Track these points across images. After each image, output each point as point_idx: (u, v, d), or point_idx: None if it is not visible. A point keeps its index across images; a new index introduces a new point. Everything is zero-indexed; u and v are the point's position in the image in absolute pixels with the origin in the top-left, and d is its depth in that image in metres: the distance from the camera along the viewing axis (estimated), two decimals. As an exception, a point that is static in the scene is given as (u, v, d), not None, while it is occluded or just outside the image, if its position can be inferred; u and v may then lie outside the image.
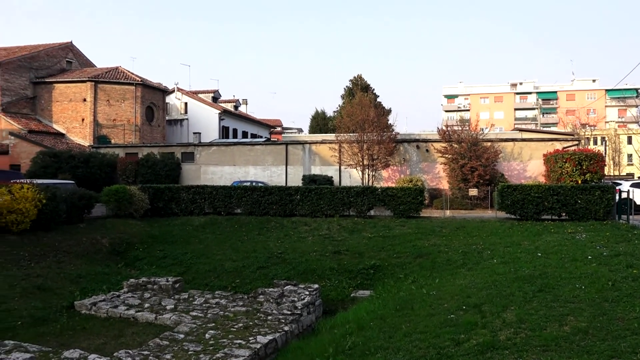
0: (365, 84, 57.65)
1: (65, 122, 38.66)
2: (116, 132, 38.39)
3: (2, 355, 7.09)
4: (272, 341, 9.33)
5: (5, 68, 36.93)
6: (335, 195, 20.93)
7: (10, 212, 15.08)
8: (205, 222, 20.91)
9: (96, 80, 38.05)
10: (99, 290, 13.61)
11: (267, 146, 33.84)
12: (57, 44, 42.37)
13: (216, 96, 54.50)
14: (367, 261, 15.93)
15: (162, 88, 42.88)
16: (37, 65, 39.55)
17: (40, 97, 39.24)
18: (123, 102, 38.51)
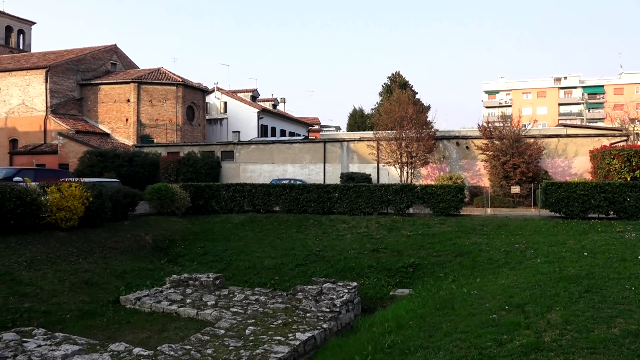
0: (403, 81, 57.07)
1: (110, 122, 39.85)
2: (158, 131, 39.31)
3: (52, 347, 7.37)
4: (310, 338, 9.37)
5: (54, 71, 38.36)
6: (374, 193, 20.81)
7: (60, 210, 15.64)
8: (244, 220, 21.17)
9: (139, 81, 39.06)
10: (143, 286, 13.99)
11: (305, 144, 33.96)
12: (102, 47, 43.73)
13: (255, 95, 55.08)
14: (406, 259, 15.78)
15: (202, 88, 43.63)
16: (84, 68, 40.91)
17: (87, 98, 40.58)
18: (165, 102, 39.39)
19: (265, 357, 8.22)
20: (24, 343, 7.63)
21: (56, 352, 6.86)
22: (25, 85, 38.65)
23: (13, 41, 56.28)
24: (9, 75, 39.42)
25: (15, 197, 14.44)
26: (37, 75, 38.28)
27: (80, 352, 6.95)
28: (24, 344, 7.56)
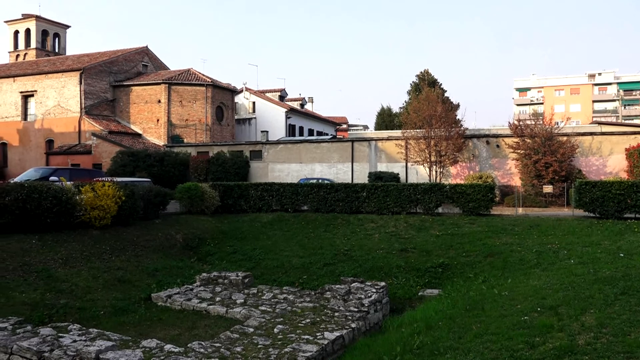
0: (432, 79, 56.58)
1: (142, 123, 40.62)
2: (188, 131, 39.89)
3: (87, 342, 7.56)
4: (339, 337, 9.36)
5: (88, 73, 39.32)
6: (402, 193, 20.67)
7: (94, 209, 16.04)
8: (273, 219, 21.31)
9: (170, 82, 39.71)
10: (174, 284, 14.22)
11: (333, 143, 33.97)
12: (133, 49, 44.61)
13: (283, 95, 55.36)
14: (435, 259, 15.63)
15: (231, 88, 44.09)
16: (116, 70, 41.82)
17: (119, 99, 41.46)
18: (195, 103, 39.94)
19: (294, 355, 8.25)
20: (60, 338, 7.85)
21: (90, 347, 7.03)
22: (61, 87, 39.74)
23: (49, 44, 57.98)
24: (45, 77, 40.60)
25: (51, 196, 14.87)
26: (72, 77, 39.32)
27: (114, 348, 7.11)
28: (60, 339, 7.78)
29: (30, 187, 14.51)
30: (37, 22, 56.36)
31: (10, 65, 49.78)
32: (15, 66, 47.56)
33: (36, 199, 14.40)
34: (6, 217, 13.77)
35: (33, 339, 7.69)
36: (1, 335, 7.86)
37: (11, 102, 41.92)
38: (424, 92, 36.34)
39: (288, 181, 28.24)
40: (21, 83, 41.67)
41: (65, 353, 7.15)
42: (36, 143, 40.46)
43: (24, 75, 41.77)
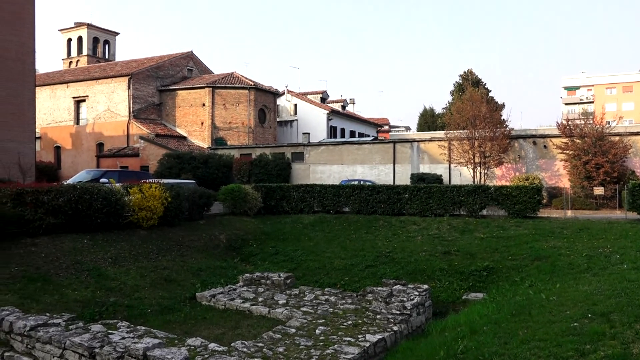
0: (476, 79, 55.52)
1: (187, 126, 41.59)
2: (231, 134, 40.57)
3: (135, 339, 7.79)
4: (381, 340, 9.30)
5: (136, 78, 40.60)
6: (445, 194, 20.35)
7: (141, 209, 16.52)
8: (314, 220, 21.38)
9: (214, 85, 40.51)
10: (217, 283, 14.46)
11: (375, 145, 33.81)
12: (179, 54, 45.76)
13: (324, 97, 55.53)
14: (480, 263, 15.31)
15: (273, 91, 44.57)
16: (162, 74, 43.00)
17: (165, 103, 42.61)
18: (238, 106, 40.59)
19: (336, 357, 8.24)
20: (109, 335, 8.11)
21: (138, 344, 7.24)
22: (110, 92, 41.18)
23: (100, 51, 60.17)
24: (96, 83, 42.17)
25: (101, 197, 15.41)
26: (121, 82, 40.68)
27: (160, 346, 7.29)
28: (109, 336, 8.04)
29: (82, 189, 15.07)
30: (88, 29, 58.62)
31: (64, 71, 51.98)
32: (68, 73, 49.62)
33: (87, 200, 14.94)
34: (60, 218, 14.35)
35: (84, 335, 7.98)
36: (55, 331, 8.20)
37: (64, 107, 43.74)
38: (468, 92, 35.66)
39: (329, 183, 28.29)
40: (74, 89, 43.42)
41: (114, 349, 7.39)
42: (87, 146, 42.05)
43: (76, 81, 43.52)
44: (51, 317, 8.98)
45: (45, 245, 13.66)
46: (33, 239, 13.73)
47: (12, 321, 8.63)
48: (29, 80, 23.78)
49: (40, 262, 12.76)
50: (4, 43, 22.46)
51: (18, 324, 8.50)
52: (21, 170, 19.68)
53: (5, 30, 22.47)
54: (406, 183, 28.26)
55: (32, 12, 23.77)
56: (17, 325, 8.49)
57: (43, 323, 8.53)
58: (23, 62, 23.31)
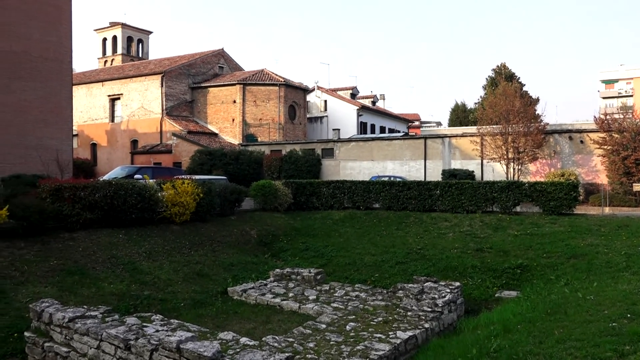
0: (509, 73, 54.44)
1: (218, 123, 42.09)
2: (262, 130, 40.85)
3: (168, 332, 7.93)
4: (412, 337, 9.23)
5: (169, 76, 41.27)
6: (478, 190, 20.04)
7: (174, 205, 16.80)
8: (344, 216, 21.36)
9: (244, 82, 40.84)
10: (248, 278, 14.61)
11: (405, 140, 33.53)
12: (210, 52, 46.29)
13: (354, 92, 55.38)
14: (513, 260, 15.01)
15: (303, 87, 44.65)
16: (194, 72, 43.59)
17: (197, 100, 43.19)
18: (268, 102, 40.83)
19: (366, 353, 8.23)
20: (144, 327, 8.29)
21: (172, 337, 7.37)
22: (144, 90, 41.98)
23: (134, 50, 61.39)
24: (130, 81, 43.05)
25: (136, 193, 15.73)
26: (154, 80, 41.42)
27: (193, 339, 7.40)
28: (144, 328, 8.21)
29: (117, 185, 15.42)
30: (122, 29, 59.88)
31: (99, 70, 53.27)
32: (103, 71, 50.84)
33: (122, 196, 15.28)
34: (96, 213, 14.73)
35: (120, 327, 8.17)
36: (92, 323, 8.42)
37: (100, 105, 44.83)
38: (501, 86, 34.99)
39: (359, 179, 28.22)
40: (109, 87, 44.45)
41: (148, 342, 7.55)
42: (122, 143, 43.00)
43: (111, 79, 44.53)
44: (88, 309, 9.23)
45: (83, 239, 14.04)
46: (71, 234, 14.13)
47: (51, 313, 8.91)
48: (66, 80, 24.46)
49: (77, 256, 13.14)
50: (43, 44, 23.16)
51: (57, 315, 8.77)
52: (59, 167, 20.26)
53: (44, 31, 23.15)
54: (437, 179, 27.94)
55: (69, 14, 24.42)
56: (56, 317, 8.75)
57: (81, 315, 8.78)
58: (61, 62, 23.98)
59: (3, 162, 21.18)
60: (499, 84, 40.21)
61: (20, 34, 22.28)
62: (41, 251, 12.77)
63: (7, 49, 21.80)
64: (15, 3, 22.08)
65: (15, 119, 22.01)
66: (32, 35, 22.72)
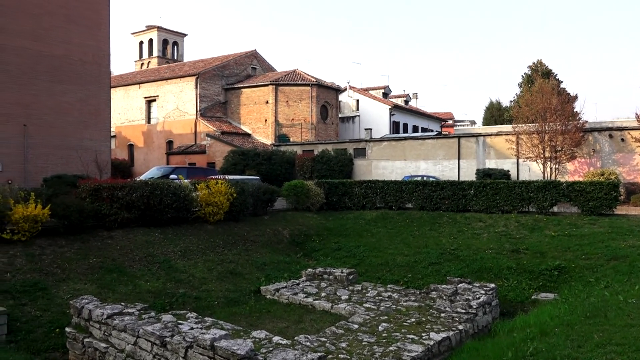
0: (546, 70, 53.16)
1: (251, 123, 42.51)
2: (294, 130, 41.05)
3: (203, 330, 8.06)
4: (445, 339, 9.13)
5: (203, 77, 41.92)
6: (513, 190, 19.65)
7: (208, 205, 17.07)
8: (376, 216, 21.27)
9: (277, 83, 41.13)
10: (281, 278, 14.71)
11: (438, 140, 33.16)
12: (243, 53, 46.80)
13: (386, 92, 55.06)
14: (550, 262, 14.67)
15: (335, 87, 44.67)
16: (228, 73, 44.15)
17: (230, 101, 43.73)
18: (300, 103, 41.01)
19: (399, 354, 8.18)
20: (179, 325, 8.45)
21: (206, 335, 7.49)
22: (179, 92, 42.77)
23: (169, 52, 62.58)
24: (165, 83, 43.93)
25: (171, 193, 16.05)
26: (189, 82, 42.15)
27: (227, 337, 7.50)
28: (179, 326, 8.37)
29: (153, 185, 15.76)
30: (158, 32, 61.16)
31: (136, 73, 54.53)
32: (140, 74, 52.02)
33: (158, 196, 15.61)
34: (133, 212, 15.09)
35: (156, 324, 8.35)
36: (129, 320, 8.64)
37: (137, 107, 45.90)
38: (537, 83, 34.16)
39: (392, 179, 28.06)
40: (145, 89, 45.46)
41: (183, 339, 7.69)
42: (158, 144, 43.91)
43: (148, 81, 45.54)
44: (126, 306, 9.47)
45: (120, 238, 14.41)
46: (109, 232, 14.53)
47: (90, 309, 9.18)
48: (104, 82, 25.15)
49: (115, 254, 13.49)
50: (83, 48, 23.87)
51: (96, 312, 9.03)
52: (98, 167, 20.86)
53: (84, 36, 23.87)
54: (471, 179, 27.53)
55: (107, 18, 25.10)
56: (95, 313, 9.02)
57: (118, 312, 9.01)
58: (99, 65, 24.67)
59: (46, 163, 21.96)
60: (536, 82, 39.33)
61: (61, 39, 23.04)
62: (81, 249, 13.18)
63: (48, 53, 22.57)
64: (56, 9, 22.85)
65: (56, 121, 22.77)
66: (72, 39, 23.46)
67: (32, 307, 10.45)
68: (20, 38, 21.58)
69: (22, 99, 21.62)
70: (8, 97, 21.18)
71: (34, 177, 21.05)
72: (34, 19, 22.07)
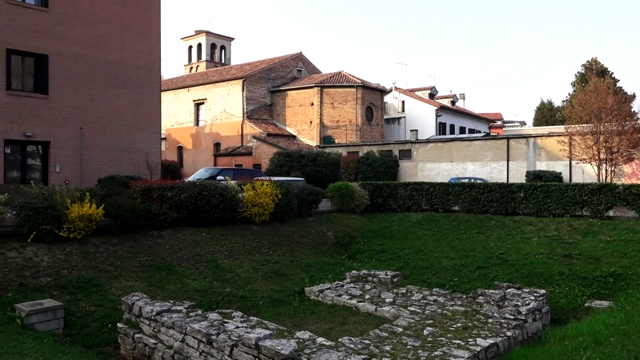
0: (601, 68, 51.17)
1: (296, 125, 42.84)
2: (339, 132, 41.09)
3: (248, 329, 8.18)
4: (492, 345, 8.89)
5: (249, 80, 42.59)
6: (565, 193, 18.95)
7: (254, 206, 17.31)
8: (422, 219, 20.99)
9: (322, 85, 41.29)
10: (325, 279, 14.73)
11: (487, 141, 32.43)
12: (289, 55, 47.24)
13: (433, 93, 54.34)
14: (605, 268, 14.05)
15: (380, 88, 44.43)
16: (274, 76, 44.68)
17: (276, 103, 44.23)
18: (345, 104, 41.02)
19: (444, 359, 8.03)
20: (225, 323, 8.60)
21: (251, 334, 7.59)
22: (226, 95, 43.61)
23: (217, 56, 63.96)
24: (213, 86, 44.90)
25: (218, 193, 16.37)
26: (236, 85, 42.92)
27: (271, 337, 7.58)
28: (225, 324, 8.53)
29: (201, 186, 16.12)
30: (206, 36, 62.61)
31: (185, 77, 56.03)
32: (189, 77, 53.41)
33: (206, 196, 15.95)
34: (182, 212, 15.49)
35: (203, 322, 8.53)
36: (177, 317, 8.86)
37: (186, 110, 47.11)
38: (592, 82, 32.94)
39: (438, 181, 27.63)
40: (194, 92, 46.61)
41: (229, 337, 7.82)
42: (206, 146, 44.91)
43: (196, 85, 46.68)
44: (174, 304, 9.72)
45: (169, 237, 14.82)
46: (159, 232, 14.96)
47: (141, 306, 9.47)
48: (155, 86, 25.96)
49: (164, 253, 13.88)
50: (135, 53, 24.74)
51: (146, 308, 9.31)
52: (149, 168, 21.55)
53: (136, 41, 24.74)
54: (521, 181, 26.77)
55: (158, 24, 25.92)
56: (145, 310, 9.30)
57: (167, 309, 9.27)
58: (151, 69, 25.49)
59: (100, 164, 22.87)
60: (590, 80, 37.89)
61: (115, 45, 23.95)
62: (132, 247, 13.63)
63: (103, 59, 23.51)
64: (111, 16, 23.78)
65: (110, 124, 23.68)
66: (125, 45, 24.34)
67: (86, 303, 10.90)
68: (77, 45, 22.58)
69: (79, 103, 22.61)
70: (66, 101, 22.20)
71: (89, 177, 21.96)
72: (91, 27, 23.04)
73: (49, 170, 21.67)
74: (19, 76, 21.41)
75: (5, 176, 20.39)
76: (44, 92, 21.63)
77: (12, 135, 20.61)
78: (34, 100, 21.31)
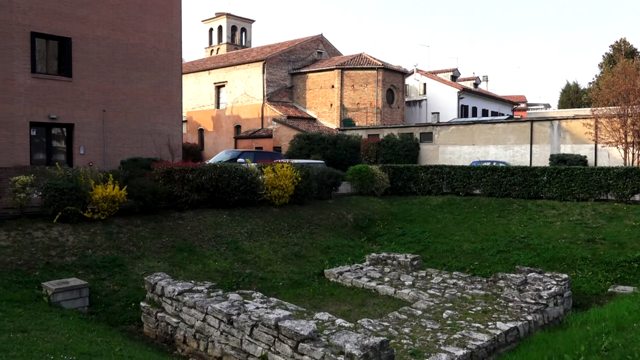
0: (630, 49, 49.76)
1: (316, 108, 42.68)
2: (359, 115, 40.83)
3: (268, 310, 8.28)
4: (513, 329, 8.86)
5: (270, 63, 42.46)
6: (590, 177, 18.59)
7: (274, 188, 17.39)
8: (442, 202, 20.85)
9: (342, 67, 40.94)
10: (344, 261, 14.80)
11: (509, 124, 31.90)
12: (309, 38, 46.88)
13: (455, 75, 53.51)
14: (630, 253, 13.81)
15: (401, 71, 43.90)
16: (294, 58, 44.45)
17: (296, 86, 44.06)
18: (366, 87, 40.67)
19: (463, 342, 8.03)
20: (245, 304, 8.72)
21: (271, 315, 7.68)
22: (247, 77, 43.59)
23: (237, 39, 63.81)
24: (234, 69, 44.90)
25: (238, 176, 16.47)
26: (256, 67, 42.83)
27: (290, 318, 7.66)
28: (245, 305, 8.64)
29: (221, 168, 16.23)
30: (227, 19, 62.40)
31: (206, 59, 56.08)
32: (210, 60, 53.45)
33: (226, 178, 16.06)
34: (202, 194, 15.65)
35: (224, 302, 8.66)
36: (199, 297, 9.00)
37: (207, 93, 47.27)
38: (620, 64, 31.99)
39: (459, 164, 27.34)
40: (214, 75, 46.69)
41: (249, 318, 7.93)
42: (226, 128, 45.10)
43: (217, 68, 46.71)
44: (196, 284, 9.88)
45: (190, 219, 15.00)
46: (180, 213, 15.15)
47: (163, 286, 9.65)
48: (176, 69, 26.07)
49: (186, 234, 14.07)
50: (157, 36, 24.83)
51: (168, 288, 9.48)
52: (170, 151, 21.76)
53: (157, 24, 24.81)
54: (544, 164, 26.33)
55: (179, 7, 25.92)
56: (168, 290, 9.47)
57: (189, 289, 9.42)
58: (172, 52, 25.58)
59: (122, 146, 23.17)
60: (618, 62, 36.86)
61: (136, 27, 24.06)
62: (155, 229, 13.84)
63: (125, 41, 23.65)
64: (131, -1, 23.86)
65: (132, 107, 23.90)
66: (146, 28, 24.43)
67: (110, 282, 11.14)
68: (100, 28, 22.74)
69: (101, 86, 22.85)
70: (90, 84, 22.45)
71: (112, 159, 22.28)
72: (113, 9, 23.16)
73: (73, 152, 22.04)
74: (43, 59, 21.69)
75: (31, 158, 20.80)
76: (68, 75, 21.90)
77: (38, 118, 20.95)
78: (57, 83, 21.60)
